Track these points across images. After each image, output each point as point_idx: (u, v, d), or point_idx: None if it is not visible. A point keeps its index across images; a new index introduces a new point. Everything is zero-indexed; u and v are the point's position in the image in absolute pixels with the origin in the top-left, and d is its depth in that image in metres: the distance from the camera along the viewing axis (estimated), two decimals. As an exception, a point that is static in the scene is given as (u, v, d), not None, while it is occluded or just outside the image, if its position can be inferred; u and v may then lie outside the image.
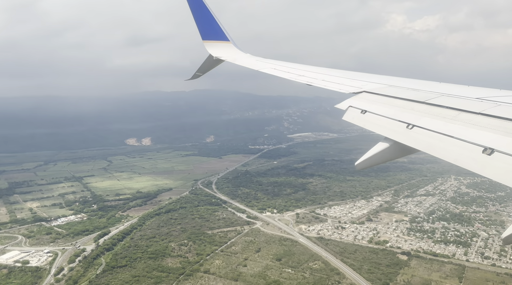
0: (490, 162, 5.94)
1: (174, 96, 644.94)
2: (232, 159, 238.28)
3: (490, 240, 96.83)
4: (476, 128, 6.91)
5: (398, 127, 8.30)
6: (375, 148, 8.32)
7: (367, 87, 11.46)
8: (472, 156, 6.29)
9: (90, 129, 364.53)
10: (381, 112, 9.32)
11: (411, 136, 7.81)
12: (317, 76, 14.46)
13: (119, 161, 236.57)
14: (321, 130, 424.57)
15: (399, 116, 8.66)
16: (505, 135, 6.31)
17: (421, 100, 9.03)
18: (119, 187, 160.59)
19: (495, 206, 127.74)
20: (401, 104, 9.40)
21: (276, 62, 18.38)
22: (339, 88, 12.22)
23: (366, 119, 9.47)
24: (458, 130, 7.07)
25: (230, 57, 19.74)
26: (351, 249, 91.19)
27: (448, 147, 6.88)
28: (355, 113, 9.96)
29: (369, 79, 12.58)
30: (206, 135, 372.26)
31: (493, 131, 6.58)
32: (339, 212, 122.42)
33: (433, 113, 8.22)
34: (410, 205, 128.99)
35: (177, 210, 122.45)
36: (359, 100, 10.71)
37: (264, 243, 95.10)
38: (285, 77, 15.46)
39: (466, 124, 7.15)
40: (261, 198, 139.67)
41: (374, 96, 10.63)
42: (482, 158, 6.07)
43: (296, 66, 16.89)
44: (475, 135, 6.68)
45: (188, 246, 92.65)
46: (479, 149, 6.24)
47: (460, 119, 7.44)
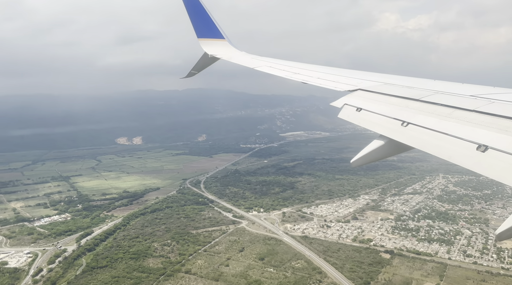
0: (484, 159, 5.99)
1: (167, 95, 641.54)
2: (222, 158, 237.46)
3: (473, 238, 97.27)
4: (470, 125, 6.94)
5: (393, 124, 8.34)
6: (371, 146, 8.35)
7: (362, 85, 11.49)
8: (466, 153, 6.33)
9: (80, 128, 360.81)
10: (376, 110, 9.37)
11: (406, 133, 7.87)
12: (313, 74, 14.49)
13: (108, 160, 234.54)
14: (313, 129, 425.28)
15: (394, 114, 8.71)
16: (499, 132, 6.35)
17: (416, 98, 9.07)
18: (106, 187, 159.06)
19: (480, 204, 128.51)
20: (396, 101, 9.46)
21: (271, 60, 18.23)
22: (335, 86, 12.24)
23: (361, 117, 9.51)
24: (452, 128, 7.10)
25: (225, 55, 19.61)
26: (335, 248, 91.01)
27: (443, 144, 6.90)
28: (350, 111, 9.99)
29: (364, 77, 12.62)
30: (198, 134, 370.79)
31: (487, 128, 6.62)
32: (325, 211, 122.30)
33: (427, 110, 8.26)
34: (396, 204, 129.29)
35: (163, 210, 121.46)
36: (354, 98, 10.75)
37: (248, 242, 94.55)
38: (281, 75, 15.42)
39: (461, 122, 7.20)
40: (248, 197, 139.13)
41: (369, 94, 10.66)
42: (476, 155, 6.12)
43: (292, 64, 16.81)
44: (469, 132, 6.71)
45: (171, 246, 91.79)
46: (473, 146, 6.27)
47: (455, 116, 7.48)
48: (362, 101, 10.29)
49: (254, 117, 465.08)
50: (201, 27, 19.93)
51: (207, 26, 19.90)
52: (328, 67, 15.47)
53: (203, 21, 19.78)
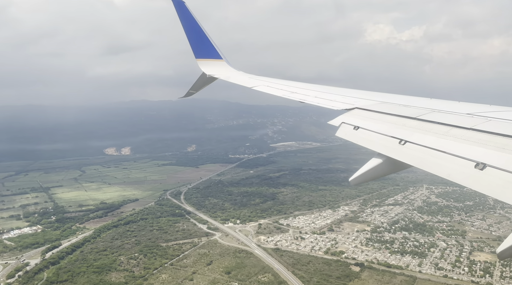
0: (483, 177, 5.98)
1: (161, 105, 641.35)
2: (208, 169, 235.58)
3: (448, 251, 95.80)
4: (467, 143, 6.96)
5: (391, 143, 8.36)
6: (369, 164, 8.35)
7: (359, 104, 11.58)
8: (464, 171, 6.34)
9: (69, 139, 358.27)
10: (373, 128, 9.38)
11: (403, 151, 7.86)
12: (309, 93, 14.73)
13: (93, 171, 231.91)
14: (305, 139, 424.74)
15: (392, 132, 8.74)
16: (496, 150, 6.37)
17: (413, 116, 9.13)
18: (84, 198, 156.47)
19: (460, 216, 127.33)
20: (393, 120, 9.52)
21: (269, 79, 18.50)
22: (332, 105, 12.33)
23: (358, 135, 9.50)
24: (450, 146, 7.11)
25: (223, 75, 19.94)
26: (305, 261, 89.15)
27: (441, 162, 6.92)
28: (348, 130, 10.00)
29: (361, 96, 12.75)
30: (187, 144, 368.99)
31: (485, 146, 6.62)
32: (302, 222, 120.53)
33: (424, 128, 8.29)
34: (375, 215, 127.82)
35: (136, 222, 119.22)
36: (351, 116, 10.82)
37: (217, 255, 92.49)
38: (278, 94, 15.63)
39: (458, 140, 7.21)
40: (227, 209, 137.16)
41: (366, 113, 10.75)
42: (475, 173, 6.12)
43: (289, 83, 17.07)
44: (467, 150, 6.73)
45: (138, 259, 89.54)
46: (471, 164, 6.28)
47: (452, 134, 7.51)
48: (359, 119, 10.32)
49: (246, 127, 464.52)
50: (199, 48, 20.34)
51: (205, 47, 20.34)
52: (324, 86, 15.75)
53: (201, 42, 20.23)
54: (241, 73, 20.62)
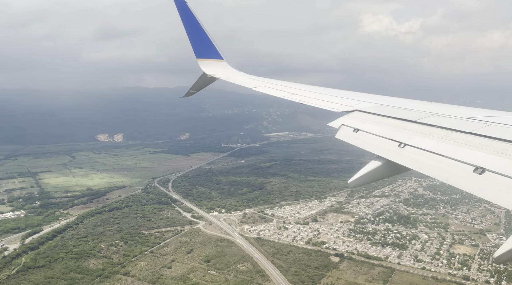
0: (481, 181, 6.01)
1: (156, 92, 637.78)
2: (200, 157, 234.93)
3: (429, 243, 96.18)
4: (467, 147, 6.97)
5: (390, 145, 8.36)
6: (368, 166, 8.37)
7: (359, 106, 11.61)
8: (463, 175, 6.35)
9: (62, 124, 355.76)
10: (373, 131, 9.39)
11: (403, 154, 7.87)
12: (310, 94, 14.78)
13: (83, 157, 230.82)
14: (300, 129, 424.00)
15: (391, 135, 8.74)
16: (495, 154, 6.39)
17: (413, 119, 9.14)
18: (71, 184, 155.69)
19: (445, 209, 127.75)
20: (393, 123, 9.53)
21: (269, 80, 18.58)
22: (332, 107, 12.37)
23: (358, 138, 9.52)
24: (449, 149, 7.12)
25: (224, 75, 19.98)
26: (286, 250, 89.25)
27: (440, 166, 6.92)
28: (347, 132, 10.02)
29: (361, 98, 12.81)
30: (181, 132, 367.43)
31: (484, 151, 6.64)
32: (287, 212, 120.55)
33: (424, 132, 8.30)
34: (361, 206, 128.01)
35: (121, 209, 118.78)
36: (351, 118, 10.83)
37: (199, 244, 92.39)
38: (278, 95, 15.71)
39: (457, 144, 7.22)
40: (213, 197, 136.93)
41: (366, 115, 10.76)
42: (473, 177, 6.14)
43: (289, 84, 17.09)
44: (466, 154, 6.73)
45: (118, 246, 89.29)
46: (470, 168, 6.30)
47: (451, 138, 7.53)
48: (359, 122, 10.33)
49: (241, 117, 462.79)
50: (200, 48, 20.40)
51: (206, 47, 20.39)
52: (324, 88, 15.68)
53: (202, 42, 20.24)
54: (241, 74, 20.64)
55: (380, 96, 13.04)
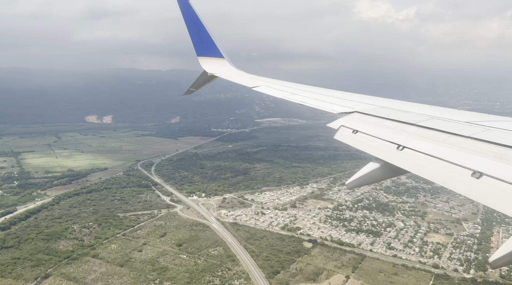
0: (478, 186, 6.02)
1: (149, 74, 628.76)
2: (187, 141, 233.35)
3: (404, 231, 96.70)
4: (465, 151, 6.99)
5: (389, 148, 8.36)
6: (366, 168, 8.40)
7: (358, 108, 11.63)
8: (461, 179, 6.36)
9: (50, 104, 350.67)
10: (372, 133, 9.39)
11: (401, 157, 7.88)
12: (310, 95, 14.87)
13: (69, 138, 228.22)
14: (292, 116, 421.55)
15: (390, 137, 8.72)
16: (493, 159, 6.40)
17: (412, 122, 9.14)
18: (53, 165, 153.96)
19: (425, 197, 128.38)
20: (392, 125, 9.51)
21: (269, 80, 18.65)
22: (331, 108, 12.34)
23: (357, 139, 9.53)
24: (447, 153, 7.14)
25: (224, 74, 19.99)
26: (260, 235, 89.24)
27: (438, 169, 6.92)
28: (346, 133, 10.03)
29: (361, 100, 12.84)
30: (172, 115, 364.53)
31: (482, 155, 6.65)
32: (268, 198, 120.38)
33: (423, 135, 8.30)
34: (341, 193, 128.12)
35: (100, 191, 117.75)
36: (350, 120, 10.84)
37: (173, 227, 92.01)
38: (279, 96, 15.85)
39: (456, 147, 7.24)
40: (195, 182, 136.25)
41: (365, 117, 10.78)
42: (471, 182, 6.15)
43: (289, 84, 17.29)
44: (464, 159, 6.75)
45: (91, 228, 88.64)
46: (468, 172, 6.31)
47: (450, 142, 7.55)
48: (358, 123, 10.34)
49: (234, 102, 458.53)
50: (201, 46, 20.52)
51: (207, 45, 20.45)
52: (324, 89, 15.72)
53: (204, 40, 20.33)
54: (242, 73, 20.61)
55: (380, 98, 13.13)
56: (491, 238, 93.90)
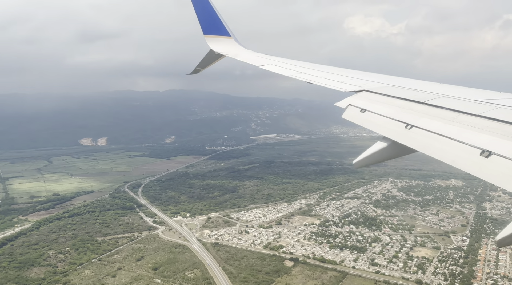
0: (487, 165, 5.98)
1: (146, 95, 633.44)
2: (180, 161, 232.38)
3: (389, 246, 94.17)
4: (474, 130, 6.93)
5: (397, 127, 8.33)
6: (373, 147, 8.32)
7: (367, 86, 11.44)
8: (469, 158, 6.32)
9: (45, 128, 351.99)
10: (380, 112, 9.34)
11: (409, 136, 7.85)
12: (317, 73, 14.40)
13: (60, 162, 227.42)
14: (288, 132, 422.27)
15: (398, 116, 8.68)
16: (503, 138, 6.32)
17: (421, 101, 9.07)
18: (40, 189, 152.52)
19: (414, 210, 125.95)
20: (400, 104, 9.44)
21: (277, 58, 18.31)
22: (339, 87, 12.14)
23: (365, 118, 9.49)
24: (456, 132, 7.09)
25: (231, 53, 19.62)
26: (240, 255, 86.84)
27: (446, 148, 6.90)
28: (354, 112, 9.97)
29: (370, 78, 12.57)
30: (167, 135, 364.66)
31: (491, 134, 6.59)
32: (253, 216, 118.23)
33: (432, 114, 8.27)
34: (329, 208, 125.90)
35: (82, 215, 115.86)
36: (358, 98, 10.72)
37: (152, 250, 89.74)
38: (286, 74, 15.37)
39: (465, 126, 7.18)
40: (182, 202, 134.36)
41: (373, 95, 10.64)
42: (480, 160, 6.11)
43: (297, 63, 16.80)
44: (473, 137, 6.69)
45: (67, 254, 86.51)
46: (477, 151, 6.26)
47: (459, 120, 7.49)
48: (367, 102, 10.23)
49: (229, 119, 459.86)
50: (208, 24, 19.99)
51: (214, 23, 20.02)
52: (333, 67, 15.36)
53: (210, 18, 19.87)
54: (249, 52, 20.16)
55: (389, 76, 12.75)
56: (478, 250, 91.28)
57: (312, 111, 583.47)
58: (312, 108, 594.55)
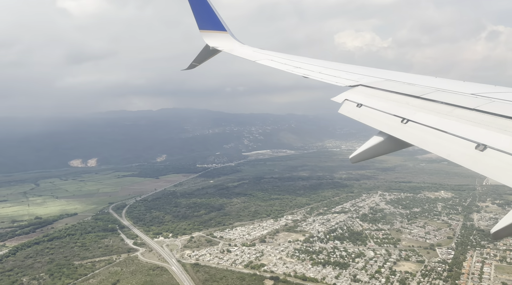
0: (482, 158, 6.00)
1: (139, 115, 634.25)
2: (169, 179, 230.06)
3: (372, 261, 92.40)
4: (470, 124, 6.94)
5: (393, 121, 8.34)
6: (370, 142, 8.35)
7: (363, 81, 11.41)
8: (465, 151, 6.33)
9: (34, 151, 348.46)
10: (376, 106, 9.33)
11: (405, 130, 7.88)
12: (314, 68, 14.29)
13: (48, 184, 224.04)
14: (281, 147, 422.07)
15: (394, 111, 8.68)
16: (498, 131, 6.34)
17: (417, 95, 9.05)
18: (22, 213, 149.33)
19: (401, 223, 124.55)
20: (396, 98, 9.43)
21: (273, 53, 18.05)
22: (336, 81, 12.11)
23: (361, 113, 9.47)
24: (452, 126, 7.10)
25: (227, 48, 19.45)
26: (220, 276, 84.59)
27: (442, 142, 6.94)
28: (350, 107, 9.94)
29: (366, 73, 12.52)
30: (158, 154, 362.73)
31: (486, 127, 6.60)
32: (237, 234, 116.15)
33: (428, 108, 8.26)
34: (315, 224, 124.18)
35: (62, 238, 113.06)
36: (355, 93, 10.68)
37: (129, 273, 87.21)
38: (282, 68, 15.18)
39: (460, 120, 7.19)
40: (165, 222, 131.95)
41: (370, 90, 10.63)
42: (475, 154, 6.13)
43: (293, 57, 16.67)
44: (468, 131, 6.72)
45: (40, 280, 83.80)
46: (472, 145, 6.28)
47: (455, 114, 7.48)
48: (363, 97, 10.24)
49: (222, 136, 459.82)
50: (203, 19, 19.74)
51: (209, 18, 19.75)
52: (329, 61, 15.25)
53: (205, 12, 19.62)
54: (245, 47, 20.01)
55: (385, 70, 12.75)
56: (463, 263, 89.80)
57: (306, 125, 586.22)
58: (306, 123, 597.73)
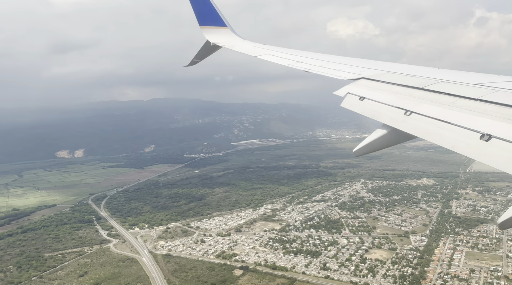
0: (487, 148, 5.98)
1: (130, 105, 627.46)
2: (154, 170, 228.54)
3: (345, 249, 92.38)
4: (473, 114, 6.89)
5: (396, 113, 8.27)
6: (373, 135, 8.32)
7: (365, 74, 11.31)
8: (469, 142, 6.30)
9: (21, 142, 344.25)
10: (379, 99, 9.27)
11: (408, 122, 7.80)
12: (315, 62, 14.26)
13: (31, 176, 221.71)
14: (271, 136, 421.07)
15: (397, 103, 8.65)
16: (503, 121, 6.29)
17: (419, 86, 8.98)
18: (1, 205, 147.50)
19: (379, 211, 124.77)
20: (399, 90, 9.38)
21: (274, 48, 18.01)
22: (338, 75, 12.04)
23: (364, 106, 9.39)
24: (455, 117, 7.04)
25: (227, 43, 19.32)
26: (190, 266, 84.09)
27: (446, 133, 6.88)
28: (353, 100, 9.84)
29: (368, 65, 12.47)
30: (146, 144, 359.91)
31: (491, 117, 6.56)
32: (214, 224, 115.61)
33: (431, 99, 8.19)
34: (294, 213, 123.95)
35: (36, 230, 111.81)
36: (357, 86, 10.59)
37: (98, 265, 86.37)
38: (283, 63, 15.12)
39: (464, 110, 7.14)
40: (143, 212, 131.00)
41: (372, 83, 10.55)
42: (479, 144, 6.10)
43: (295, 52, 16.66)
44: (472, 121, 6.66)
45: (7, 273, 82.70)
46: (477, 135, 6.25)
47: (458, 105, 7.41)
48: (365, 90, 10.15)
49: (212, 126, 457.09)
50: (203, 15, 19.58)
51: (210, 13, 19.59)
52: (331, 55, 15.23)
53: (206, 8, 19.45)
54: (246, 42, 19.85)
55: (387, 62, 12.70)
56: (435, 250, 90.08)
57: (298, 114, 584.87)
58: (298, 112, 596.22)
